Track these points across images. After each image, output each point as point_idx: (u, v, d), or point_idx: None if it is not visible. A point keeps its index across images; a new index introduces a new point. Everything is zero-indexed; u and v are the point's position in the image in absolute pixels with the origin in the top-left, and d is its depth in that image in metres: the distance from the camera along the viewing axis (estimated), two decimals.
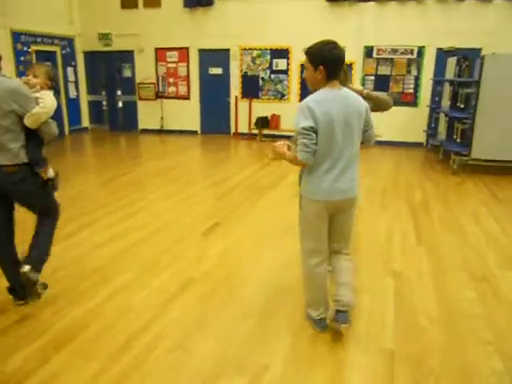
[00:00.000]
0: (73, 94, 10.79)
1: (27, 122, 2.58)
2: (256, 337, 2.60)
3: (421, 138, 9.26)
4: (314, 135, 2.26)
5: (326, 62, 2.24)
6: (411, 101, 9.13)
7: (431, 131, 8.78)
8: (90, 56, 10.91)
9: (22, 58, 9.03)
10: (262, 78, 9.93)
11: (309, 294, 2.65)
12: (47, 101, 2.66)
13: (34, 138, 2.68)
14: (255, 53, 9.85)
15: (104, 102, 11.20)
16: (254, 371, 2.29)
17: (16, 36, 9.00)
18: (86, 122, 11.31)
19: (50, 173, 2.81)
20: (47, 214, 2.91)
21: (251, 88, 10.01)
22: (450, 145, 7.21)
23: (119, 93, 11.02)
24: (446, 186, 6.13)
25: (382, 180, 6.40)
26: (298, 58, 9.53)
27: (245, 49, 9.89)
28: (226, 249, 3.87)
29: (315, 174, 2.37)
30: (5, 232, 2.82)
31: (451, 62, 7.82)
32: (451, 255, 3.78)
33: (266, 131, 9.89)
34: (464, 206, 5.18)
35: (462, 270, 3.50)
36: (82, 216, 4.62)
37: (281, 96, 9.89)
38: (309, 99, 2.29)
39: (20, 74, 8.41)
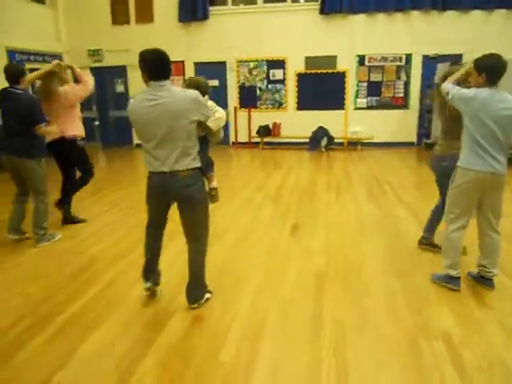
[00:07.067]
0: None
1: (212, 124, 2.75)
2: (415, 308, 2.94)
3: (412, 137, 10.05)
4: (461, 94, 2.85)
5: (487, 70, 2.76)
6: (402, 104, 9.90)
7: (423, 131, 9.59)
8: None
9: None
10: (260, 88, 10.30)
11: (448, 255, 3.12)
12: (215, 106, 2.95)
13: (204, 143, 2.84)
14: (252, 64, 10.21)
15: (95, 118, 11.04)
16: (442, 336, 2.62)
17: (12, 54, 8.77)
18: None
19: (215, 182, 2.98)
20: (198, 238, 2.93)
21: (249, 98, 10.36)
22: None
23: (111, 108, 10.95)
24: None
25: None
26: (294, 67, 10.03)
27: (241, 61, 10.23)
28: (324, 244, 4.16)
29: None
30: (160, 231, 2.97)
31: (442, 66, 8.61)
32: None
33: (267, 139, 10.25)
34: None
35: None
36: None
37: (279, 105, 10.31)
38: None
39: None
